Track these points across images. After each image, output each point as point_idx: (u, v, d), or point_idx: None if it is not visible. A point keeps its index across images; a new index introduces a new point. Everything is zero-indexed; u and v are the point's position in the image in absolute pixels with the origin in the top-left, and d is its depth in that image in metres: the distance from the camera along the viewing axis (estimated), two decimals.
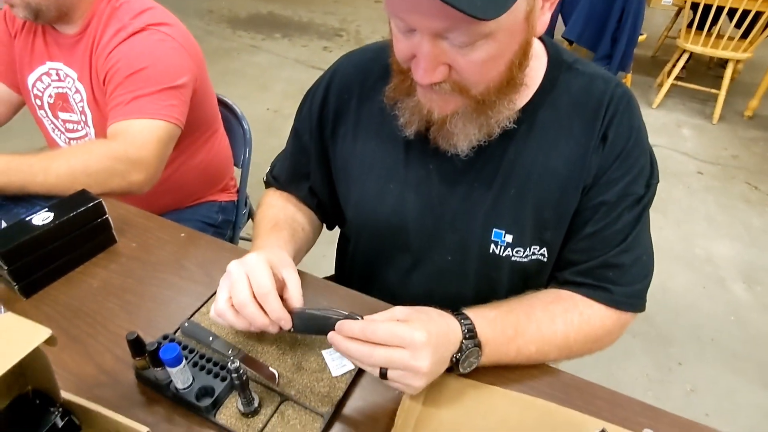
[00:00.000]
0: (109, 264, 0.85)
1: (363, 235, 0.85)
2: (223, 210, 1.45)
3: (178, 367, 0.60)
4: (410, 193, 0.76)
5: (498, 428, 0.63)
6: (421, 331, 0.57)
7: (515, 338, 0.67)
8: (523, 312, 0.69)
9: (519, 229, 0.73)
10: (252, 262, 0.65)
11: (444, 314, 0.64)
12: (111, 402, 0.64)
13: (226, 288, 0.65)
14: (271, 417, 0.62)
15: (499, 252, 0.74)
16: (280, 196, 0.90)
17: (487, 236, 0.74)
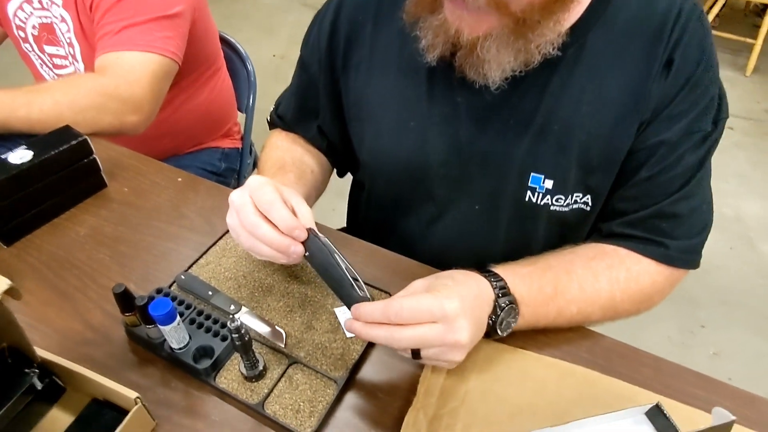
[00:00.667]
0: (98, 210, 0.77)
1: (379, 182, 0.76)
2: (227, 157, 1.36)
3: (172, 324, 0.52)
4: (433, 133, 0.66)
5: (533, 397, 0.55)
6: (451, 299, 0.49)
7: (555, 297, 0.58)
8: (563, 268, 0.60)
9: (561, 173, 0.63)
10: (254, 183, 0.56)
11: (469, 273, 0.56)
12: (100, 362, 0.58)
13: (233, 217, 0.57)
14: (278, 382, 0.56)
15: (537, 200, 0.65)
16: (286, 138, 0.80)
17: (524, 182, 0.64)
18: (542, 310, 0.58)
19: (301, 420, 0.53)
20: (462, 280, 0.54)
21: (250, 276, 0.67)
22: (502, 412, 0.54)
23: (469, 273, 0.56)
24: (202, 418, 0.53)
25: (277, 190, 0.55)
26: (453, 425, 0.53)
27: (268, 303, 0.64)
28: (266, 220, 0.54)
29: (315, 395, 0.55)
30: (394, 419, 0.54)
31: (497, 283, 0.56)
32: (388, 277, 0.68)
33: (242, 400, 0.54)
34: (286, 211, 0.54)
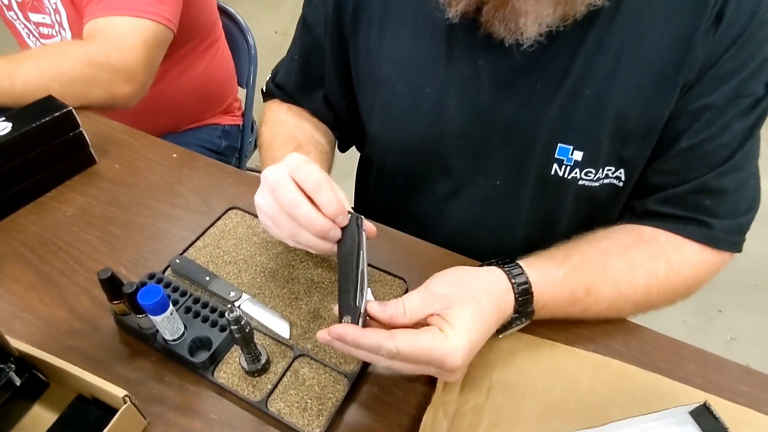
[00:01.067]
0: (87, 189, 0.71)
1: (389, 156, 0.69)
2: (227, 135, 1.30)
3: (164, 314, 0.47)
4: (451, 99, 0.60)
5: (564, 394, 0.50)
6: (457, 350, 0.43)
7: (585, 298, 0.53)
8: (599, 264, 0.54)
9: (592, 144, 0.57)
10: (294, 161, 0.50)
11: (495, 291, 0.48)
12: (87, 354, 0.53)
13: (266, 196, 0.51)
14: (283, 377, 0.50)
15: (564, 174, 0.59)
16: (289, 111, 0.73)
17: (550, 154, 0.58)
18: (567, 310, 0.53)
19: (309, 419, 0.47)
20: (486, 306, 0.47)
21: (252, 260, 0.61)
22: (530, 411, 0.49)
23: (498, 288, 0.49)
24: (198, 417, 0.48)
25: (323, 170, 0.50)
26: (476, 425, 0.48)
27: (271, 289, 0.58)
28: (309, 199, 0.48)
29: (323, 391, 0.49)
30: (411, 418, 0.48)
31: (522, 299, 0.50)
32: (401, 260, 0.62)
33: (243, 397, 0.49)
34: (335, 194, 0.48)
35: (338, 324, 0.43)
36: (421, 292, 0.47)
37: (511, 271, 0.50)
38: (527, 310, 0.50)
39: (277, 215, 0.49)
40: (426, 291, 0.47)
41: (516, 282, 0.50)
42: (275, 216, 0.50)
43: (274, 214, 0.50)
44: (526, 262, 0.52)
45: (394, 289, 0.58)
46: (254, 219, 0.66)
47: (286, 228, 0.49)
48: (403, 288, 0.58)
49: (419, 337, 0.42)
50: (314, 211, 0.48)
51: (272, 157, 0.65)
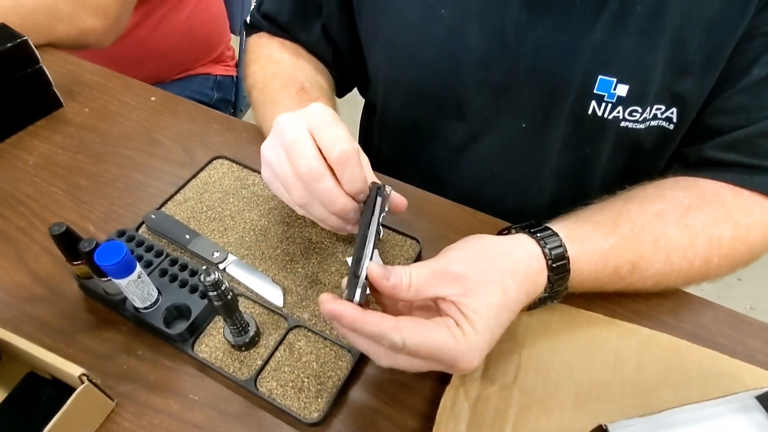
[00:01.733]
0: (52, 135, 0.62)
1: (396, 95, 0.60)
2: (219, 86, 1.19)
3: (129, 277, 0.39)
4: (471, 22, 0.50)
5: (606, 374, 0.43)
6: (474, 352, 0.35)
7: (629, 276, 0.44)
8: (651, 233, 0.44)
9: (641, 75, 0.47)
10: (318, 117, 0.40)
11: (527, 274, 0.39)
12: (49, 324, 0.45)
13: (279, 153, 0.41)
14: (275, 351, 0.43)
15: (604, 113, 0.49)
16: (283, 47, 0.63)
17: (589, 88, 0.48)
18: (603, 288, 0.45)
19: (305, 401, 0.40)
20: (513, 296, 0.37)
21: (240, 216, 0.53)
22: (567, 394, 0.41)
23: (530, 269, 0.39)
24: (176, 397, 0.41)
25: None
26: (504, 410, 0.40)
27: (262, 250, 0.50)
28: (331, 172, 0.39)
29: (323, 369, 0.42)
30: (426, 401, 0.41)
31: (557, 277, 0.40)
32: (412, 218, 0.54)
33: (228, 375, 0.41)
34: (362, 171, 0.39)
35: (336, 300, 0.34)
36: (434, 266, 0.37)
37: (546, 242, 0.40)
38: (559, 289, 0.42)
39: (289, 180, 0.40)
40: (440, 266, 0.37)
41: (551, 256, 0.40)
42: (287, 180, 0.41)
43: (286, 177, 0.41)
44: (565, 229, 0.42)
45: (406, 250, 0.50)
46: (243, 170, 0.57)
47: (298, 196, 0.41)
48: (415, 249, 0.50)
49: (431, 332, 0.34)
50: (337, 188, 0.39)
51: (271, 99, 0.55)
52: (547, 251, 0.40)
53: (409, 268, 0.36)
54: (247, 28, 0.67)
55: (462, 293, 0.35)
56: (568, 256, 0.41)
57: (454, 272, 0.36)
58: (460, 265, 0.37)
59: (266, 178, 0.44)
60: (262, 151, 0.43)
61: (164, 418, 0.40)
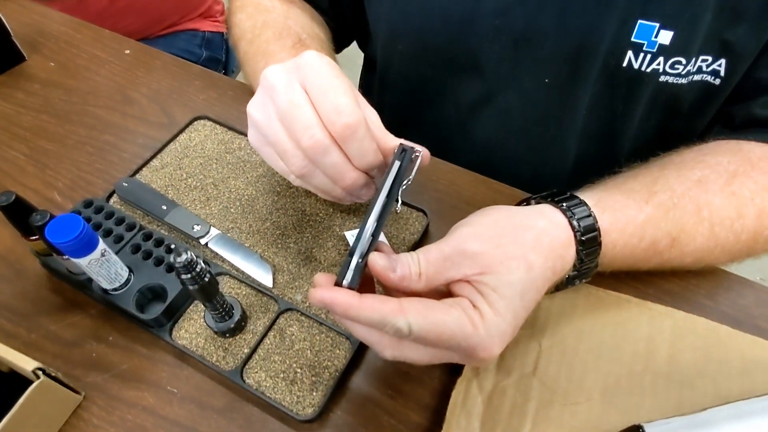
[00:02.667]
0: (12, 93, 0.55)
1: (400, 46, 0.53)
2: (208, 43, 1.11)
3: (90, 256, 0.33)
4: None
5: (637, 363, 0.38)
6: (494, 338, 0.29)
7: (668, 251, 0.38)
8: (692, 201, 0.38)
9: (689, 19, 0.40)
10: (312, 67, 0.33)
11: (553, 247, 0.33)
12: (6, 305, 0.40)
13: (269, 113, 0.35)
14: (264, 337, 0.38)
15: (641, 65, 0.43)
16: None
17: (625, 35, 0.42)
18: (637, 265, 0.39)
19: (299, 395, 0.35)
20: (539, 273, 0.32)
21: (224, 184, 0.47)
22: (593, 386, 0.37)
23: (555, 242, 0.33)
24: (152, 389, 0.36)
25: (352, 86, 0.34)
26: (522, 404, 0.36)
27: (250, 223, 0.44)
28: (336, 143, 0.33)
29: (318, 358, 0.37)
30: (435, 394, 0.36)
31: (587, 251, 0.34)
32: (419, 187, 0.48)
33: (211, 365, 0.36)
34: (372, 143, 0.33)
35: (327, 286, 0.29)
36: (445, 248, 0.31)
37: (573, 212, 0.35)
38: (589, 266, 0.36)
39: (287, 149, 0.34)
40: (452, 246, 0.31)
41: (580, 228, 0.34)
42: (284, 149, 0.34)
43: (282, 145, 0.34)
44: (594, 198, 0.36)
45: (411, 224, 0.45)
46: (228, 132, 0.51)
47: (297, 166, 0.34)
48: (422, 223, 0.45)
49: (442, 314, 0.29)
50: (345, 162, 0.33)
51: (263, 51, 0.47)
52: (575, 222, 0.34)
53: (417, 255, 0.30)
54: None
55: (479, 271, 0.30)
56: (598, 228, 0.35)
57: (470, 251, 0.31)
58: (476, 243, 0.31)
59: (254, 143, 0.37)
60: (249, 112, 0.36)
61: (138, 413, 0.35)
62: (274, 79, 0.34)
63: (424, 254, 0.31)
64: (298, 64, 0.34)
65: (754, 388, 0.37)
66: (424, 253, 0.31)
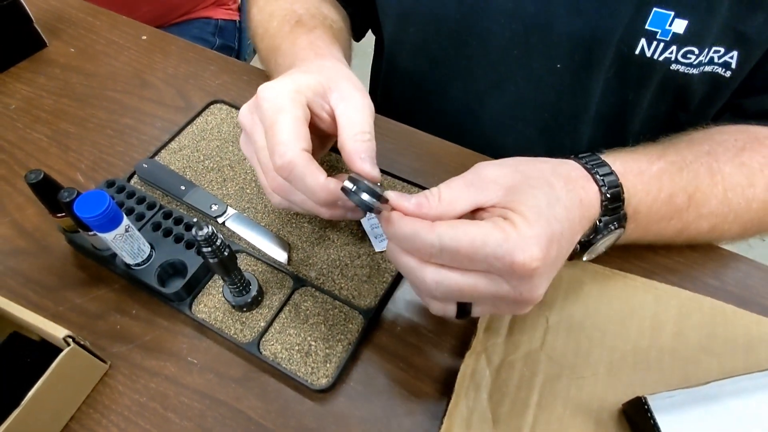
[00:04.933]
0: (34, 77, 0.57)
1: (410, 29, 0.53)
2: (221, 31, 1.12)
3: (115, 231, 0.35)
4: None
5: (642, 340, 0.39)
6: (531, 240, 0.28)
7: (686, 211, 0.39)
8: (705, 165, 0.39)
9: (705, 8, 0.40)
10: (264, 101, 0.34)
11: (571, 177, 0.34)
12: (35, 279, 0.42)
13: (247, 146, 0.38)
14: (279, 312, 0.39)
15: (653, 53, 0.43)
16: None
17: (639, 23, 0.42)
18: (661, 226, 0.39)
19: (313, 366, 0.37)
20: (563, 193, 0.32)
21: (240, 166, 0.48)
22: (599, 361, 0.38)
23: (569, 175, 0.34)
24: (173, 360, 0.38)
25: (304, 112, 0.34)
26: (530, 377, 0.37)
27: (265, 203, 0.46)
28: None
29: (332, 331, 0.38)
30: (444, 368, 0.38)
31: (611, 191, 0.35)
32: (429, 167, 0.49)
33: (229, 337, 0.38)
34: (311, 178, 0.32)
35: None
36: (467, 175, 0.32)
37: (586, 160, 0.36)
38: (618, 211, 0.36)
39: (265, 168, 0.35)
40: (474, 173, 0.32)
41: (598, 172, 0.35)
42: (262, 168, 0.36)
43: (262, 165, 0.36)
44: (604, 153, 0.37)
45: None
46: None
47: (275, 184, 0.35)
48: None
49: (471, 226, 0.28)
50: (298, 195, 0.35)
51: (273, 47, 0.48)
52: (588, 164, 0.35)
53: (437, 187, 0.31)
54: None
55: (503, 194, 0.30)
56: (614, 171, 0.35)
57: (491, 176, 0.31)
58: (497, 170, 0.32)
59: (242, 147, 0.39)
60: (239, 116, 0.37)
61: (161, 381, 0.37)
62: (242, 120, 0.36)
63: (445, 183, 0.31)
64: (257, 103, 0.35)
65: (759, 364, 0.38)
66: (445, 183, 0.31)
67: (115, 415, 0.36)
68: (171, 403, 0.36)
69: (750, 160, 0.40)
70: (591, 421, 0.35)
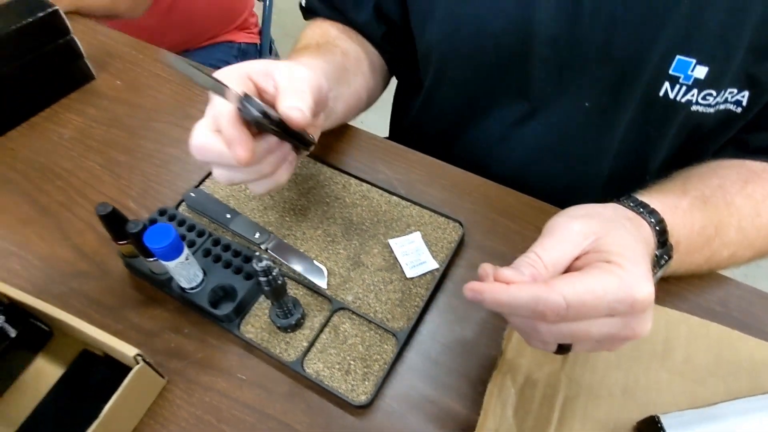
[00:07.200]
0: (85, 108, 0.61)
1: (449, 72, 0.57)
2: (243, 54, 1.17)
3: (177, 259, 0.39)
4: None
5: (654, 363, 0.42)
6: (642, 277, 0.30)
7: (714, 240, 0.43)
8: (722, 198, 0.44)
9: (722, 56, 0.44)
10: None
11: (629, 217, 0.37)
12: (95, 299, 0.45)
13: None
14: (320, 333, 0.43)
15: (676, 96, 0.47)
16: (322, 25, 0.60)
17: (664, 68, 0.46)
18: (694, 256, 0.43)
19: (353, 383, 0.40)
20: (635, 232, 0.35)
21: (279, 195, 0.52)
22: (615, 382, 0.41)
23: (627, 214, 0.38)
24: (224, 375, 0.41)
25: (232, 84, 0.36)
26: (551, 395, 0.40)
27: (303, 230, 0.49)
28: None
29: (369, 352, 0.42)
30: (472, 385, 0.41)
31: (658, 226, 0.38)
32: (455, 198, 0.53)
33: (275, 356, 0.42)
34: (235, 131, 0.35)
35: (476, 282, 0.32)
36: (551, 236, 0.34)
37: (627, 202, 0.39)
38: (666, 244, 0.39)
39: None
40: (556, 232, 0.34)
41: (642, 211, 0.38)
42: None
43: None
44: (638, 193, 0.41)
45: (449, 233, 0.49)
46: None
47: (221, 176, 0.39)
48: (458, 232, 0.49)
49: (587, 278, 0.30)
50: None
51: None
52: (628, 205, 0.39)
53: (532, 253, 0.33)
54: (303, 12, 0.63)
55: (594, 239, 0.33)
56: (661, 216, 0.38)
57: (574, 230, 0.33)
58: (576, 223, 0.34)
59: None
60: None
61: (214, 395, 0.41)
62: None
63: (538, 248, 0.33)
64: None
65: (762, 387, 0.41)
66: (537, 247, 0.33)
67: (174, 426, 0.39)
68: (224, 416, 0.40)
69: (754, 192, 0.45)
70: None
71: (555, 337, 0.32)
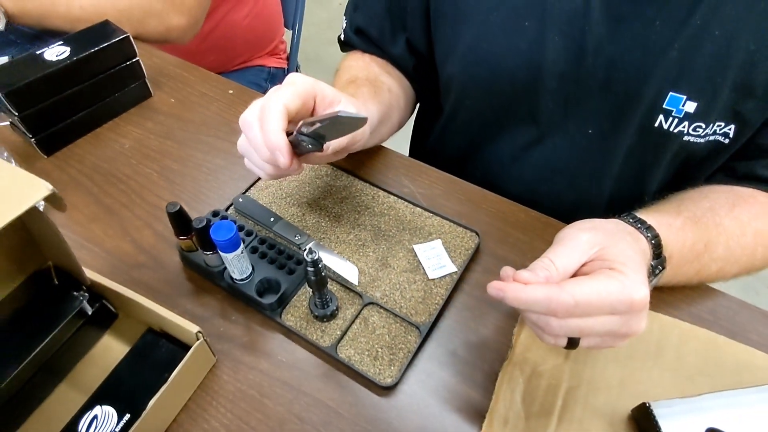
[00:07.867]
0: (143, 122, 0.68)
1: (468, 101, 0.64)
2: (273, 78, 1.25)
3: (235, 252, 0.45)
4: (554, 35, 0.53)
5: (647, 361, 0.47)
6: (639, 287, 0.36)
7: (703, 255, 0.49)
8: (711, 219, 0.49)
9: (710, 93, 0.50)
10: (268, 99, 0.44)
11: (629, 231, 0.44)
12: (152, 288, 0.52)
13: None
14: (352, 323, 0.49)
15: (669, 127, 0.53)
16: (362, 58, 0.67)
17: (658, 103, 0.52)
18: (685, 269, 0.49)
19: (380, 368, 0.46)
20: (634, 244, 0.42)
21: (315, 204, 0.58)
22: (613, 376, 0.46)
23: (631, 229, 0.44)
24: (266, 357, 0.47)
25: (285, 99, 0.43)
26: (555, 385, 0.45)
27: (337, 235, 0.56)
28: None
29: (395, 341, 0.48)
30: (485, 375, 0.46)
31: (654, 240, 0.45)
32: (471, 212, 0.59)
33: (312, 342, 0.47)
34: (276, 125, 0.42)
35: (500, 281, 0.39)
36: (562, 244, 0.40)
37: (628, 219, 0.46)
38: (660, 256, 0.45)
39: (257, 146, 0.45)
40: (567, 241, 0.40)
41: (641, 227, 0.45)
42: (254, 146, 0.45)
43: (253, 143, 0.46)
44: (637, 211, 0.48)
45: (466, 241, 0.55)
46: None
47: (241, 146, 0.47)
48: (475, 241, 0.55)
49: (594, 281, 0.36)
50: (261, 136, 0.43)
51: None
52: (627, 220, 0.45)
53: (546, 258, 0.39)
54: (341, 45, 0.71)
55: (600, 248, 0.39)
56: (657, 231, 0.45)
57: (582, 239, 0.40)
58: (583, 234, 0.40)
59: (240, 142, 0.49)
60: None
61: (257, 374, 0.46)
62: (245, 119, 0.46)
63: (551, 254, 0.39)
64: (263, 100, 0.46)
65: (744, 385, 0.46)
66: (550, 254, 0.39)
67: (222, 398, 0.45)
68: (266, 391, 0.45)
69: (740, 215, 0.51)
70: (605, 423, 0.44)
71: (564, 331, 0.38)
